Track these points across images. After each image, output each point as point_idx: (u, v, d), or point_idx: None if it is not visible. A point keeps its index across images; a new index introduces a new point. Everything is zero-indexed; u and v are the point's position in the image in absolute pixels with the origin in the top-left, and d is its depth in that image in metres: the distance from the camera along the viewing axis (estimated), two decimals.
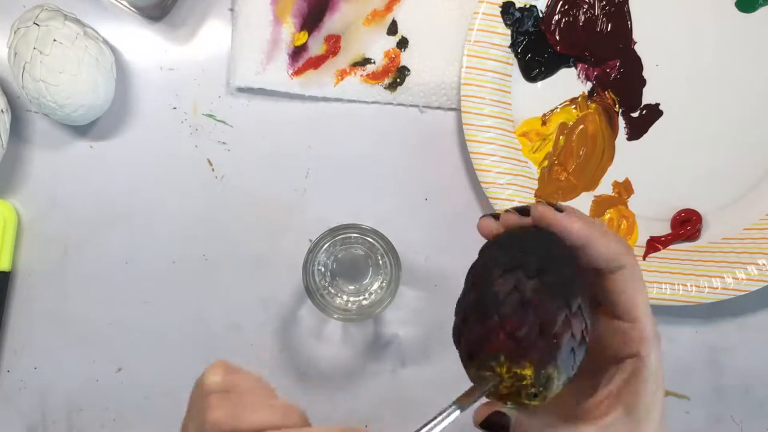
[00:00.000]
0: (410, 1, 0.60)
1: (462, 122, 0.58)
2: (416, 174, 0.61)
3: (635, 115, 0.60)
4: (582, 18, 0.60)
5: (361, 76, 0.60)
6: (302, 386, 0.60)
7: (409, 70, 0.60)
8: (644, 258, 0.58)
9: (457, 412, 0.34)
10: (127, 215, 0.60)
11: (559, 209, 0.37)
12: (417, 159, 0.61)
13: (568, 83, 0.60)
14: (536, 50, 0.60)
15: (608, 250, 0.37)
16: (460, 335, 0.36)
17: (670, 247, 0.59)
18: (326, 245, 0.55)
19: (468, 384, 0.35)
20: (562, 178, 0.60)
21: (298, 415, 0.35)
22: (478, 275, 0.36)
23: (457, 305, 0.37)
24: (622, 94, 0.60)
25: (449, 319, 0.63)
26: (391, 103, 0.61)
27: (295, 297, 0.60)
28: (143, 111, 0.61)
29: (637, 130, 0.60)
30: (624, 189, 0.60)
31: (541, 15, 0.59)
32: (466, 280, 0.37)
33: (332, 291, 0.57)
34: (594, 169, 0.60)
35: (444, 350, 0.60)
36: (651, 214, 0.59)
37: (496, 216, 0.39)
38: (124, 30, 0.61)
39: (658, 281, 0.58)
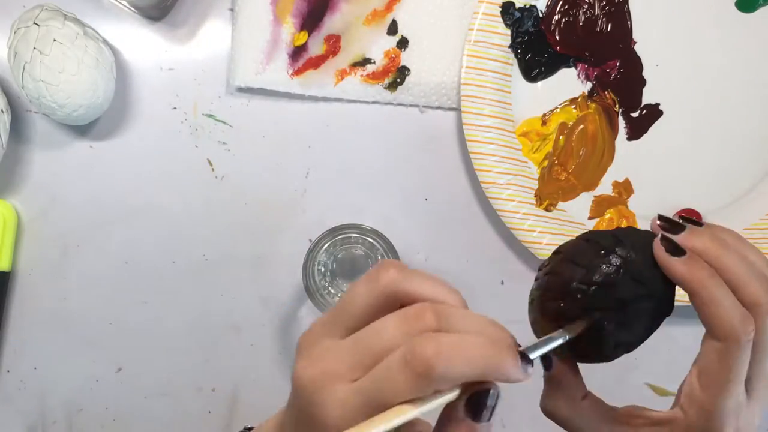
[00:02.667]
0: (410, 1, 0.60)
1: (462, 122, 0.58)
2: (416, 174, 0.61)
3: (635, 115, 0.60)
4: (582, 18, 0.60)
5: (361, 76, 0.60)
6: None
7: (409, 70, 0.60)
8: None
9: (563, 338, 0.36)
10: (127, 215, 0.60)
11: (682, 250, 0.38)
12: (417, 159, 0.61)
13: (568, 83, 0.60)
14: (536, 50, 0.60)
15: (717, 323, 0.37)
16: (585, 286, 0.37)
17: None
18: (326, 245, 0.55)
19: None
20: (562, 178, 0.60)
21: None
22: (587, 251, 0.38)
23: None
24: (622, 94, 0.60)
25: None
26: (391, 103, 0.61)
27: (295, 297, 0.60)
28: (143, 111, 0.61)
29: (637, 130, 0.60)
30: (624, 189, 0.60)
31: (541, 15, 0.59)
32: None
33: (332, 291, 0.57)
34: (594, 169, 0.60)
35: None
36: (651, 214, 0.59)
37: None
38: (124, 30, 0.61)
39: None
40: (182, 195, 0.61)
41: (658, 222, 0.40)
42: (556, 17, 0.60)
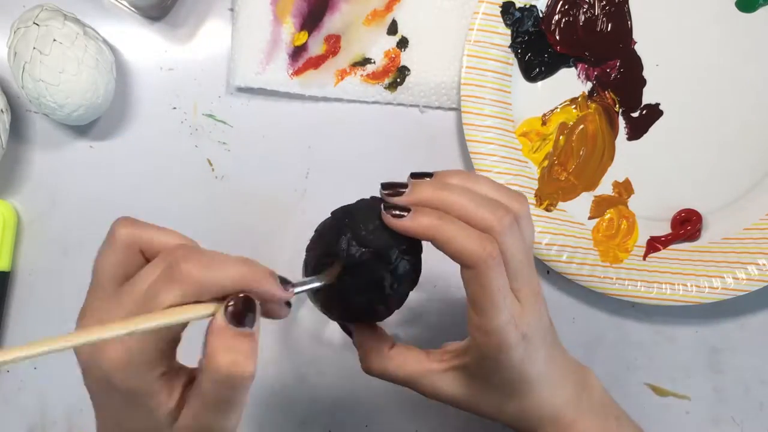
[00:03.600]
0: (410, 1, 0.60)
1: (462, 122, 0.58)
2: None
3: (635, 115, 0.60)
4: (582, 18, 0.60)
5: (361, 76, 0.60)
6: (302, 387, 0.60)
7: (409, 70, 0.60)
8: (644, 258, 0.58)
9: (318, 283, 0.42)
10: (127, 215, 0.60)
11: (406, 209, 0.41)
12: (417, 159, 0.61)
13: (568, 83, 0.60)
14: (536, 50, 0.60)
15: (459, 254, 0.41)
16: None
17: (670, 247, 0.59)
18: None
19: None
20: (562, 178, 0.60)
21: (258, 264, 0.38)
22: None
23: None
24: (622, 94, 0.60)
25: (449, 320, 0.63)
26: (391, 103, 0.61)
27: (295, 297, 0.60)
28: (143, 111, 0.61)
29: (637, 130, 0.60)
30: (624, 189, 0.60)
31: (541, 15, 0.59)
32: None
33: None
34: (594, 169, 0.60)
35: None
36: (651, 214, 0.59)
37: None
38: (124, 30, 0.61)
39: (658, 281, 0.58)
40: (182, 195, 0.61)
41: (382, 191, 0.43)
42: (556, 17, 0.60)
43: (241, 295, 0.35)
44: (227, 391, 0.35)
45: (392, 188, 0.43)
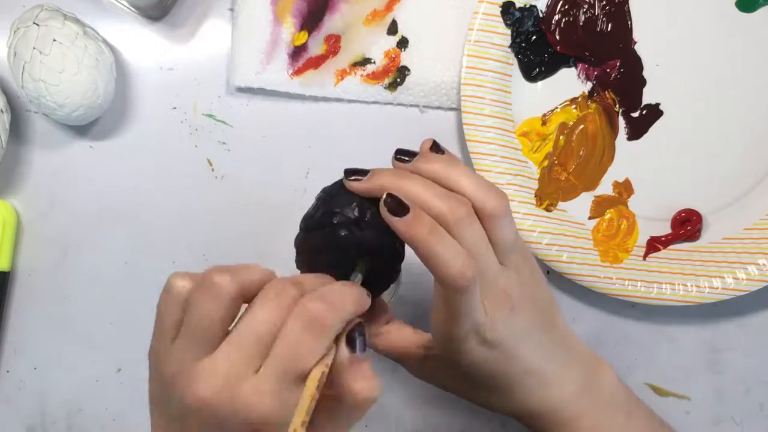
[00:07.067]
0: (410, 1, 0.60)
1: (462, 122, 0.58)
2: None
3: (635, 115, 0.60)
4: (582, 18, 0.60)
5: (361, 76, 0.60)
6: None
7: (409, 70, 0.60)
8: (644, 258, 0.58)
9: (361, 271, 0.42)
10: (127, 215, 0.60)
11: (406, 208, 0.40)
12: None
13: (568, 83, 0.60)
14: (536, 50, 0.60)
15: (437, 273, 0.39)
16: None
17: (670, 247, 0.59)
18: None
19: None
20: (562, 178, 0.60)
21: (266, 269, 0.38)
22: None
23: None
24: (622, 94, 0.60)
25: None
26: (391, 103, 0.61)
27: None
28: (143, 111, 0.61)
29: (637, 130, 0.60)
30: (624, 189, 0.60)
31: (541, 15, 0.59)
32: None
33: None
34: (594, 169, 0.60)
35: None
36: (651, 214, 0.59)
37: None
38: (124, 30, 0.61)
39: (658, 281, 0.58)
40: (182, 195, 0.61)
41: (345, 176, 0.43)
42: (556, 17, 0.60)
43: (353, 326, 0.37)
44: (360, 414, 0.36)
45: (353, 174, 0.43)
